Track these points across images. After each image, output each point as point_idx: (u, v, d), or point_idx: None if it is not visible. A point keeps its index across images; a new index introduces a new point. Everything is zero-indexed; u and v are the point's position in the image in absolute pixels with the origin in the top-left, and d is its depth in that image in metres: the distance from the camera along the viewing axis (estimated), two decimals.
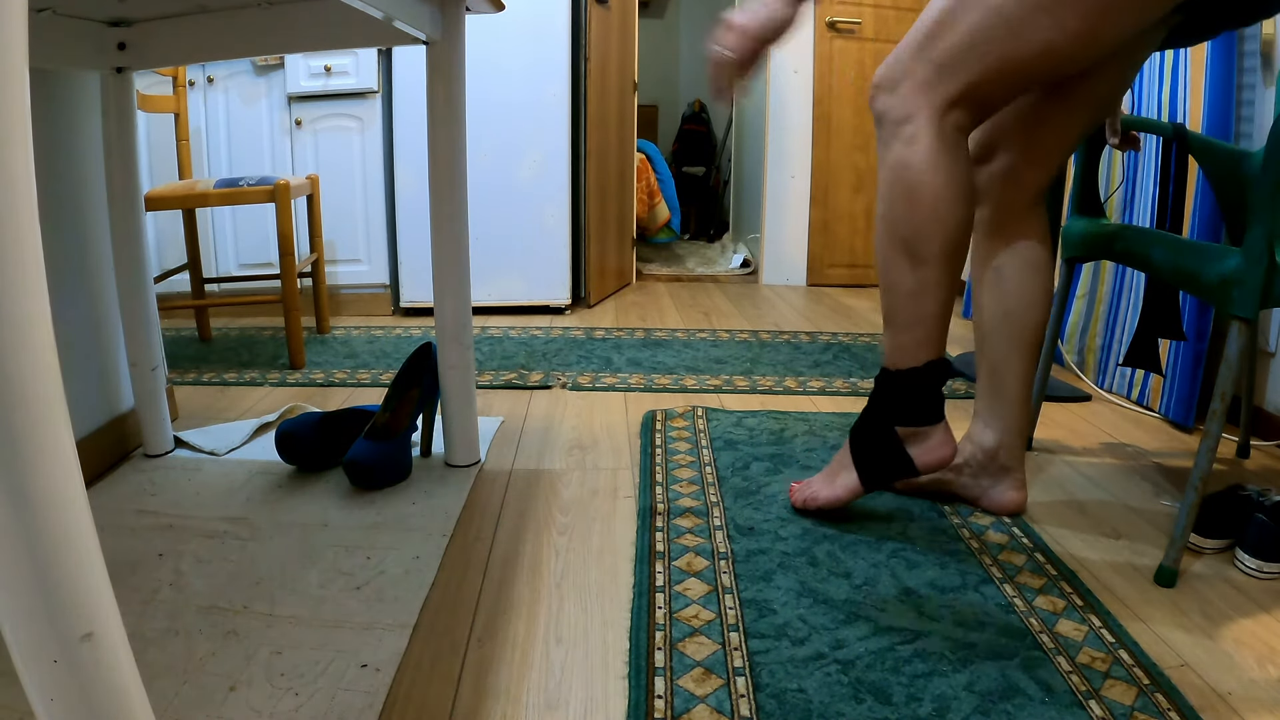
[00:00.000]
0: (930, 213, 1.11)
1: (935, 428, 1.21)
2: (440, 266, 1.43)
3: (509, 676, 0.92)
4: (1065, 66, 1.11)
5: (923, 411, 1.20)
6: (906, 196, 1.12)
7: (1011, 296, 1.29)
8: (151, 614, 1.01)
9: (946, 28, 1.09)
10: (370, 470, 1.37)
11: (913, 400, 1.20)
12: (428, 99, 1.37)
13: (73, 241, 1.43)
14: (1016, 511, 1.32)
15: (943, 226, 1.12)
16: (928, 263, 1.13)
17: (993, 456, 1.32)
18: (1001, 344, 1.30)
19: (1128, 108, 2.02)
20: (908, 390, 1.20)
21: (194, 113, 2.66)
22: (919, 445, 1.21)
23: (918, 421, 1.21)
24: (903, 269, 1.15)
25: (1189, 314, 1.74)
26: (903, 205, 1.13)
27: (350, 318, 2.82)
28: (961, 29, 1.08)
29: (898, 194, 1.13)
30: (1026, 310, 1.28)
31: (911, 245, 1.14)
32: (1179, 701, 0.87)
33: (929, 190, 1.11)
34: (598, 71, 2.91)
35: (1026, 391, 1.31)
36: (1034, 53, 1.06)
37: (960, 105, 1.11)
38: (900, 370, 1.19)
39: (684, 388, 2.00)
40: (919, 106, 1.11)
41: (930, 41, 1.10)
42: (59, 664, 0.53)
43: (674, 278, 3.69)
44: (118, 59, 1.40)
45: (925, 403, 1.20)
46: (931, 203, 1.11)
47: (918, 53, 1.12)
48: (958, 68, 1.09)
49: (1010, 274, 1.29)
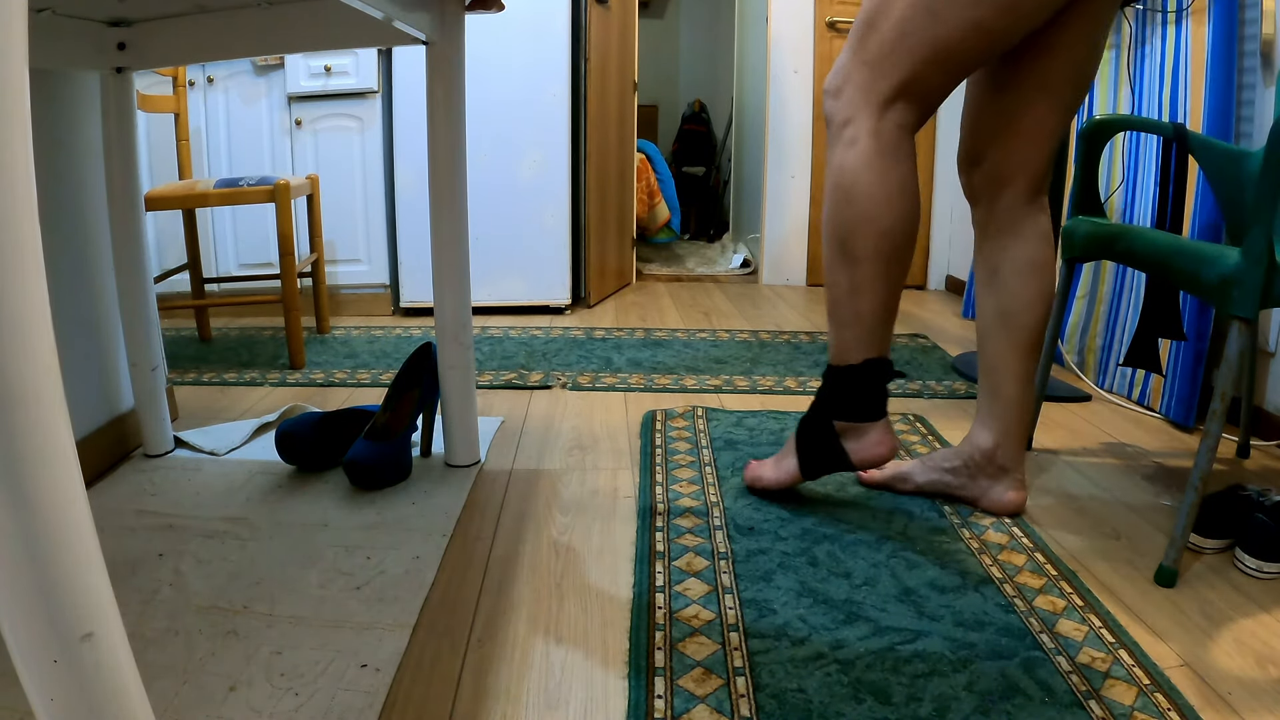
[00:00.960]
0: (863, 213, 1.15)
1: (874, 425, 1.25)
2: (440, 266, 1.43)
3: (509, 676, 0.92)
4: (998, 43, 1.12)
5: (861, 408, 1.24)
6: (842, 197, 1.17)
7: (1009, 297, 1.29)
8: (151, 614, 1.01)
9: (874, 27, 1.13)
10: (370, 470, 1.37)
11: (851, 397, 1.24)
12: (428, 99, 1.37)
13: (73, 241, 1.43)
14: (1016, 512, 1.32)
15: (875, 226, 1.16)
16: (862, 262, 1.17)
17: (990, 457, 1.32)
18: (999, 345, 1.30)
19: (1128, 108, 2.02)
20: (847, 386, 1.24)
21: (194, 113, 2.66)
22: (856, 441, 1.26)
23: (855, 417, 1.25)
24: (839, 268, 1.20)
25: (1189, 314, 1.75)
26: (839, 206, 1.17)
27: (350, 318, 2.82)
28: (888, 26, 1.11)
29: (835, 195, 1.18)
30: (1024, 311, 1.28)
31: (847, 245, 1.18)
32: (1179, 701, 0.87)
33: (863, 191, 1.15)
34: (598, 71, 2.91)
35: (1024, 393, 1.31)
36: (961, 34, 1.09)
37: (900, 100, 1.14)
38: (840, 367, 1.24)
39: (684, 388, 2.00)
40: (858, 108, 1.15)
41: (862, 43, 1.15)
42: (59, 664, 0.53)
43: (674, 278, 3.69)
44: (118, 59, 1.40)
45: (863, 400, 1.24)
46: (865, 204, 1.15)
47: (852, 56, 1.16)
48: (891, 64, 1.12)
49: (1007, 275, 1.29)
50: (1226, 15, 1.70)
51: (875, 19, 1.13)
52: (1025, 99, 1.22)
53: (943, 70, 1.13)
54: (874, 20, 1.13)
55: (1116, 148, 2.06)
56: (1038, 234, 1.28)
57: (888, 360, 1.24)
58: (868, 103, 1.15)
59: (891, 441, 1.25)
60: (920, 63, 1.12)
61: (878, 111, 1.14)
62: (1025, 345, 1.29)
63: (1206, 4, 1.74)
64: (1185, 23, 1.81)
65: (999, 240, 1.30)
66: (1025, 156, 1.25)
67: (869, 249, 1.17)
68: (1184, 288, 1.23)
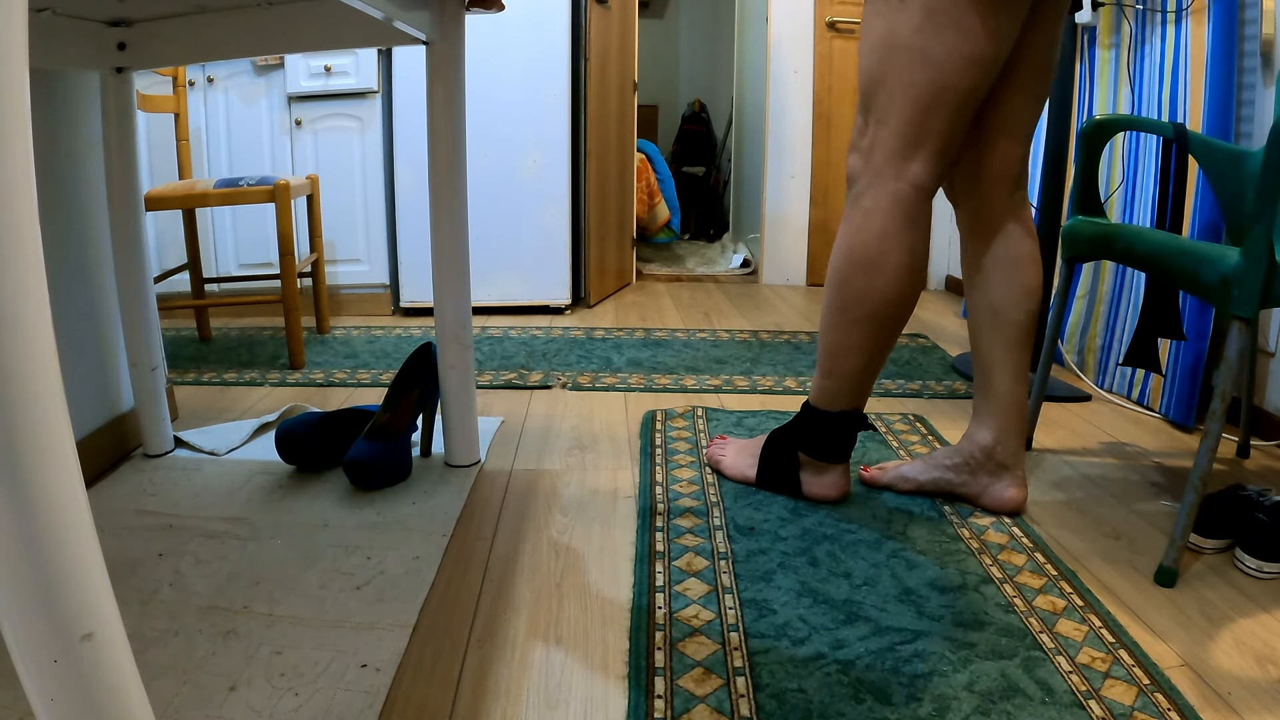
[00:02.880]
0: (870, 282, 1.19)
1: (834, 467, 1.34)
2: (440, 266, 1.43)
3: (509, 676, 0.92)
4: (991, 71, 1.14)
5: (826, 450, 1.32)
6: (853, 260, 1.20)
7: (996, 294, 1.30)
8: (151, 614, 1.01)
9: (880, 83, 1.15)
10: (370, 470, 1.37)
11: (820, 438, 1.32)
12: (428, 99, 1.37)
13: (73, 241, 1.43)
14: (1016, 510, 1.32)
15: (880, 295, 1.19)
16: (860, 324, 1.22)
17: (989, 454, 1.33)
18: (990, 342, 1.31)
19: (1128, 108, 2.02)
20: (819, 428, 1.31)
21: (194, 113, 2.66)
22: (812, 475, 1.34)
23: (820, 457, 1.33)
24: (836, 325, 1.24)
25: (1189, 314, 1.74)
26: (847, 267, 1.21)
27: (350, 318, 2.82)
28: (893, 83, 1.13)
29: (847, 258, 1.21)
30: (1011, 307, 1.29)
31: (848, 306, 1.22)
32: (1179, 701, 0.87)
33: (875, 262, 1.18)
34: (598, 71, 2.91)
35: (1019, 388, 1.31)
36: (957, 71, 1.11)
37: (919, 154, 1.16)
38: (817, 409, 1.30)
39: (684, 388, 2.00)
40: (879, 171, 1.17)
41: (872, 102, 1.17)
42: (59, 664, 0.53)
43: (674, 278, 3.69)
44: (118, 59, 1.40)
45: (831, 444, 1.31)
46: (873, 274, 1.19)
47: (868, 117, 1.18)
48: (904, 119, 1.14)
49: (993, 271, 1.30)
50: (1226, 15, 1.70)
51: (878, 78, 1.15)
52: (997, 98, 1.23)
53: (953, 112, 1.14)
54: (877, 79, 1.15)
55: (1116, 148, 2.06)
56: (1020, 229, 1.29)
57: (862, 414, 1.31)
58: (889, 163, 1.16)
59: (844, 485, 1.34)
60: (931, 111, 1.13)
61: (899, 171, 1.16)
62: (1015, 340, 1.30)
63: (1206, 4, 1.74)
64: (1185, 23, 1.81)
65: (983, 238, 1.31)
66: (1001, 154, 1.26)
67: (868, 313, 1.21)
68: (1184, 288, 1.23)
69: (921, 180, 1.17)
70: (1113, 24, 2.09)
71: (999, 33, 1.10)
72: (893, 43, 1.12)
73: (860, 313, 1.21)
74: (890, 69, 1.13)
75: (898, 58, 1.12)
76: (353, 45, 1.40)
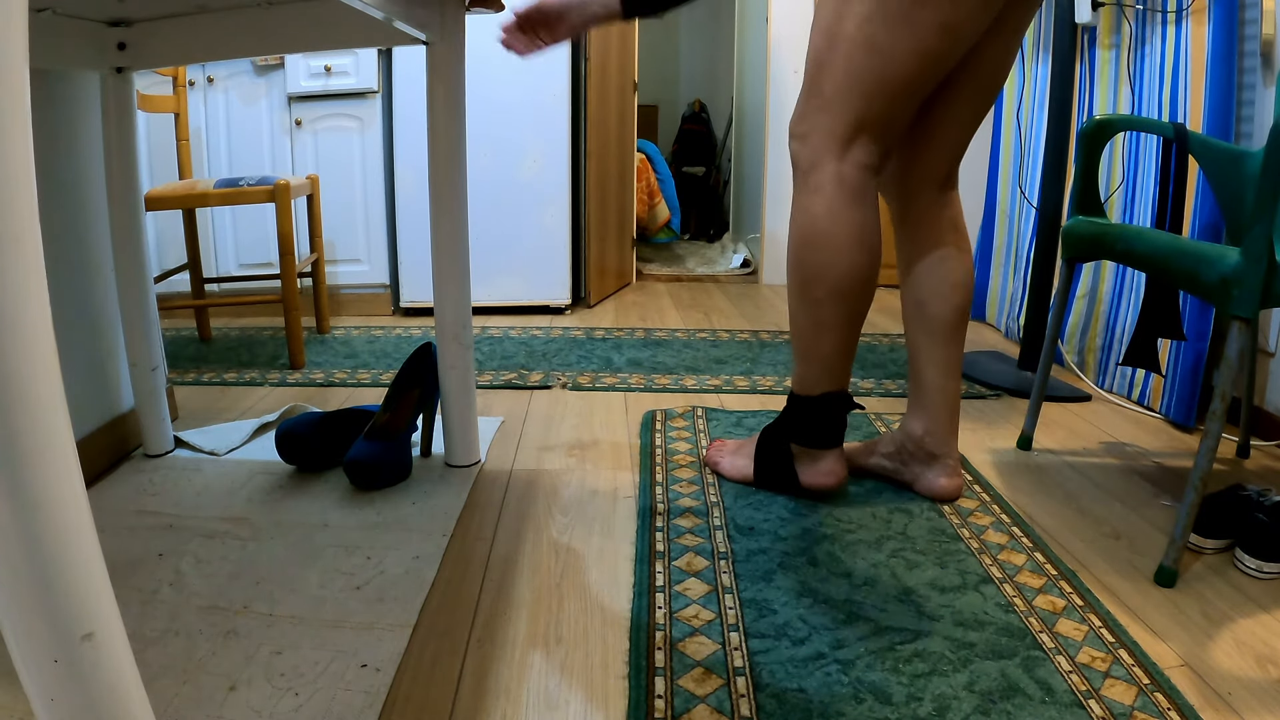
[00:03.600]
0: (824, 259, 1.20)
1: (827, 453, 1.32)
2: (440, 266, 1.43)
3: (509, 676, 0.92)
4: (942, 66, 1.16)
5: (816, 437, 1.31)
6: (806, 243, 1.21)
7: (921, 287, 1.33)
8: (151, 614, 1.01)
9: (825, 71, 1.16)
10: (370, 470, 1.37)
11: (808, 425, 1.30)
12: (428, 99, 1.37)
13: (73, 241, 1.43)
14: (949, 498, 1.36)
15: (835, 271, 1.20)
16: (822, 303, 1.22)
17: (919, 444, 1.37)
18: (916, 335, 1.35)
19: (1128, 108, 2.02)
20: (805, 415, 1.30)
21: (194, 113, 2.66)
22: (808, 466, 1.33)
23: (811, 444, 1.31)
24: (801, 307, 1.25)
25: (1189, 314, 1.74)
26: (802, 250, 1.22)
27: (350, 318, 2.82)
28: (838, 68, 1.15)
29: (799, 240, 1.22)
30: (935, 300, 1.32)
31: (809, 286, 1.22)
32: (1179, 701, 0.87)
33: (825, 239, 1.19)
34: (598, 71, 2.91)
35: (947, 382, 1.34)
36: (906, 63, 1.12)
37: (861, 137, 1.17)
38: (801, 396, 1.29)
39: (684, 388, 2.00)
40: (821, 153, 1.18)
41: (816, 87, 1.18)
42: (59, 664, 0.53)
43: (674, 278, 3.69)
44: (118, 59, 1.40)
45: (819, 429, 1.30)
46: (826, 251, 1.19)
47: (810, 100, 1.19)
48: (847, 104, 1.15)
49: (920, 267, 1.33)
50: (1226, 15, 1.70)
51: (824, 62, 1.16)
52: (939, 103, 1.26)
53: (896, 102, 1.16)
54: (823, 63, 1.17)
55: (1116, 148, 2.06)
56: (948, 225, 1.32)
57: (846, 394, 1.29)
58: (829, 147, 1.18)
59: (841, 472, 1.32)
60: (874, 98, 1.15)
61: (840, 153, 1.18)
62: (941, 333, 1.33)
63: (1206, 4, 1.74)
64: (1185, 23, 1.81)
65: (912, 233, 1.34)
66: (934, 155, 1.29)
67: (829, 291, 1.21)
68: (1184, 288, 1.23)
69: (863, 160, 1.18)
70: (1113, 24, 2.09)
71: (952, 29, 1.11)
72: (840, 29, 1.13)
73: (821, 291, 1.21)
74: (836, 55, 1.14)
75: (845, 45, 1.13)
76: (353, 45, 1.40)
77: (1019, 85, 2.61)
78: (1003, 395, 1.98)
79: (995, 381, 2.04)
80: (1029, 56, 2.55)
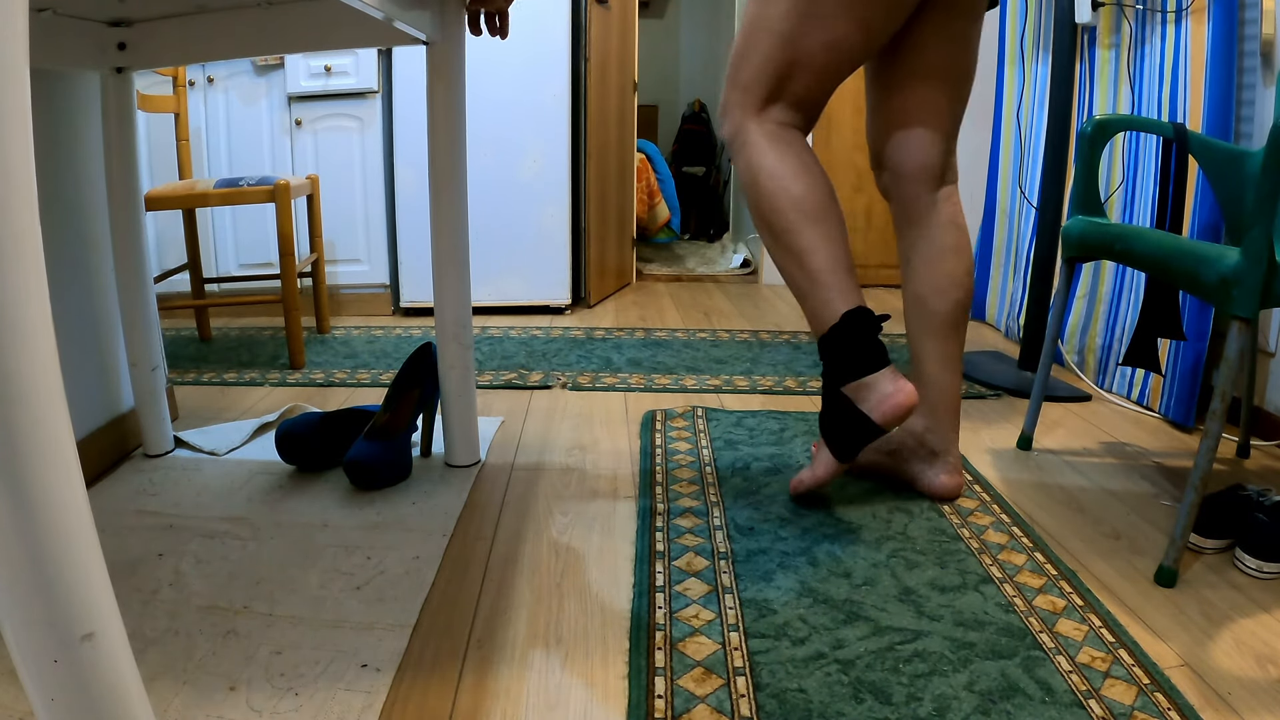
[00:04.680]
0: (772, 191, 1.23)
1: (879, 375, 1.19)
2: (440, 266, 1.43)
3: (509, 676, 0.92)
4: (859, 54, 1.24)
5: (860, 361, 1.20)
6: (753, 186, 1.25)
7: (920, 283, 1.35)
8: (151, 614, 1.01)
9: (744, 58, 1.25)
10: (370, 470, 1.37)
11: (846, 354, 1.21)
12: (428, 99, 1.37)
13: (73, 241, 1.43)
14: (950, 497, 1.36)
15: (788, 197, 1.22)
16: (792, 232, 1.23)
17: (921, 441, 1.37)
18: (917, 330, 1.36)
19: (1128, 108, 2.02)
20: (838, 346, 1.22)
21: (194, 113, 2.66)
22: (869, 399, 1.19)
23: (859, 372, 1.20)
24: (779, 248, 1.25)
25: (1189, 314, 1.75)
26: (753, 195, 1.25)
27: (350, 318, 2.82)
28: (756, 55, 1.24)
29: (748, 189, 1.26)
30: (935, 296, 1.33)
31: (773, 224, 1.24)
32: (1179, 701, 0.87)
33: (765, 174, 1.23)
34: (598, 71, 2.91)
35: (948, 377, 1.34)
36: (822, 52, 1.21)
37: (776, 104, 1.25)
38: (826, 334, 1.23)
39: (684, 388, 2.00)
40: (741, 121, 1.26)
41: (736, 73, 1.26)
42: (59, 664, 0.53)
43: (674, 278, 3.69)
44: (118, 59, 1.40)
45: (859, 351, 1.20)
46: (771, 183, 1.23)
47: (732, 85, 1.27)
48: (763, 83, 1.24)
49: (918, 262, 1.35)
50: (1226, 15, 1.70)
51: (744, 51, 1.25)
52: (908, 97, 1.31)
53: (809, 84, 1.24)
54: (743, 52, 1.25)
55: (1116, 148, 2.06)
56: (944, 221, 1.34)
57: (866, 309, 1.22)
58: (747, 114, 1.25)
59: (906, 387, 1.19)
60: (787, 79, 1.23)
61: (757, 116, 1.25)
62: (940, 330, 1.33)
63: (1206, 4, 1.74)
64: (1185, 23, 1.81)
65: (910, 231, 1.36)
66: (921, 151, 1.32)
67: (792, 218, 1.22)
68: (1184, 288, 1.23)
69: (781, 119, 1.25)
70: (1113, 24, 2.09)
71: (864, 22, 1.19)
72: (760, 25, 1.22)
73: (786, 219, 1.23)
74: (755, 46, 1.23)
75: (763, 38, 1.22)
76: (353, 45, 1.40)
77: (1019, 85, 2.61)
78: (1003, 395, 1.98)
79: (995, 381, 2.04)
80: (1029, 56, 2.55)
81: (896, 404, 1.18)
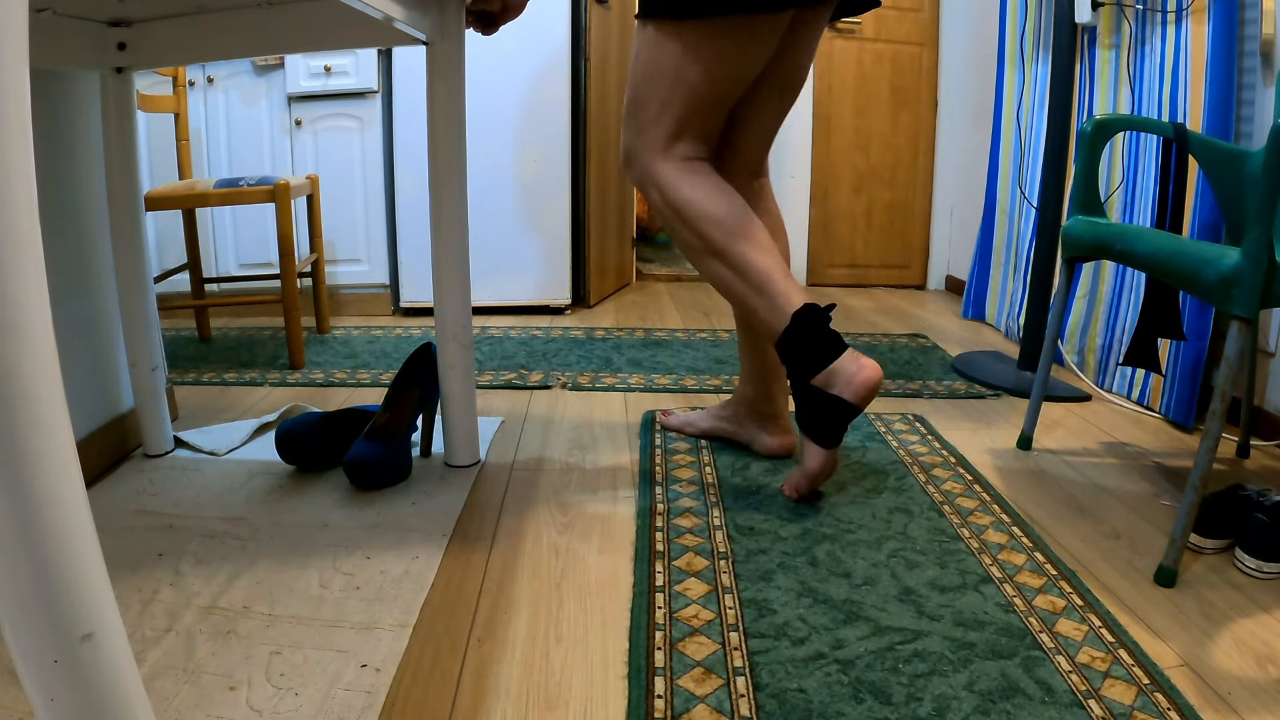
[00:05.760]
0: (695, 217, 1.30)
1: (841, 360, 1.25)
2: (440, 266, 1.43)
3: (509, 676, 0.92)
4: (743, 83, 1.33)
5: (818, 353, 1.26)
6: (677, 219, 1.33)
7: None
8: (151, 614, 1.01)
9: (641, 104, 1.33)
10: (370, 470, 1.37)
11: (804, 349, 1.27)
12: (428, 99, 1.37)
13: (73, 241, 1.43)
14: (783, 455, 1.52)
15: (713, 220, 1.30)
16: (725, 250, 1.30)
17: (753, 407, 1.53)
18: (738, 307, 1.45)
19: (1128, 108, 2.02)
20: (795, 345, 1.27)
21: (194, 113, 2.66)
22: (838, 383, 1.24)
23: (821, 364, 1.25)
24: (715, 268, 1.32)
25: (1189, 314, 1.75)
26: (680, 227, 1.33)
27: (350, 318, 2.82)
28: (654, 100, 1.31)
29: (672, 223, 1.34)
30: None
31: (707, 248, 1.31)
32: (1179, 701, 0.87)
33: (685, 203, 1.31)
34: (598, 71, 2.91)
35: (770, 347, 1.45)
36: (704, 86, 1.29)
37: (677, 141, 1.33)
38: (780, 339, 1.29)
39: (684, 388, 2.00)
40: (649, 165, 1.34)
41: (634, 118, 1.35)
42: (59, 664, 0.53)
43: (674, 278, 3.69)
44: (118, 59, 1.40)
45: (816, 345, 1.26)
46: (692, 210, 1.31)
47: (634, 130, 1.35)
48: (663, 124, 1.32)
49: None
50: (1226, 15, 1.70)
51: (640, 98, 1.33)
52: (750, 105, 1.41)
53: (705, 115, 1.33)
54: (639, 99, 1.33)
55: (1116, 148, 2.06)
56: (763, 209, 1.48)
57: (813, 304, 1.27)
58: (653, 155, 1.33)
59: (869, 361, 1.24)
60: (685, 116, 1.31)
61: (663, 154, 1.33)
62: None
63: (1206, 4, 1.74)
64: (1185, 23, 1.81)
65: None
66: (746, 151, 1.45)
67: (721, 239, 1.29)
68: (1184, 288, 1.23)
69: (688, 154, 1.34)
70: (1113, 24, 2.09)
71: (748, 57, 1.29)
72: (657, 69, 1.30)
73: (717, 244, 1.30)
74: (655, 88, 1.31)
75: (662, 80, 1.30)
76: (353, 45, 1.40)
77: (1019, 85, 2.61)
78: (1003, 395, 1.98)
79: (995, 381, 2.04)
80: (1029, 56, 2.55)
81: (865, 379, 1.23)
